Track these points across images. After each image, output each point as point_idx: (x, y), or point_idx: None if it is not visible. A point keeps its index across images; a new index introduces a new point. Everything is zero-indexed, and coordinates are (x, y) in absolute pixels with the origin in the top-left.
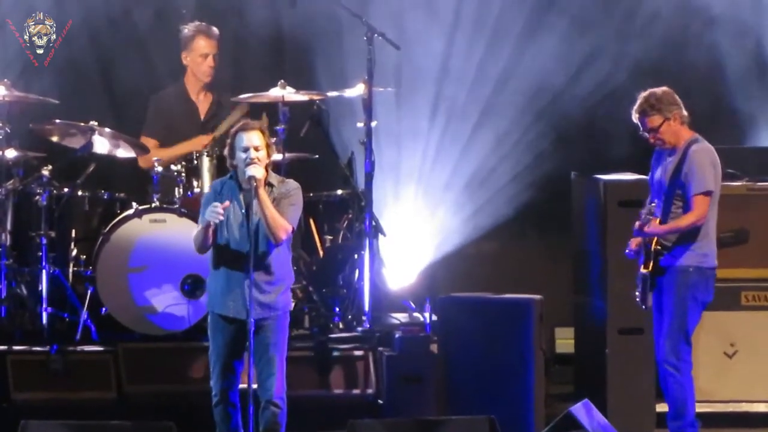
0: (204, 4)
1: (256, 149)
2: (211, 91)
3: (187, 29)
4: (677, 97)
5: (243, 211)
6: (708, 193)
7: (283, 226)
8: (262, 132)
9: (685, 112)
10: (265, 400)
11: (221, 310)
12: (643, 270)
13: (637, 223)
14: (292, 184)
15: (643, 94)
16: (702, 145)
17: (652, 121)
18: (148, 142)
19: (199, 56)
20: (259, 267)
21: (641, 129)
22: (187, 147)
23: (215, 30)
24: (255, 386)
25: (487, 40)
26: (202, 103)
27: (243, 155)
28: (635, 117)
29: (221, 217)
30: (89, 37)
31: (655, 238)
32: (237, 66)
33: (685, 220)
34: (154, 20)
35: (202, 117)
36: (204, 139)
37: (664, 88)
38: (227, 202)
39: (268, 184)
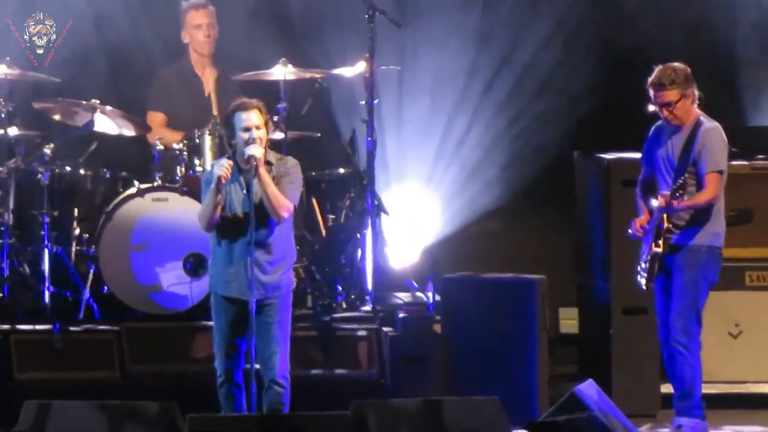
0: None
1: (257, 128)
2: (215, 67)
3: (181, 6)
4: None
5: (244, 191)
6: (721, 172)
7: (285, 204)
8: (260, 110)
9: (698, 92)
10: (268, 380)
11: (223, 291)
12: (655, 248)
13: (661, 200)
14: (291, 162)
15: (662, 66)
16: (713, 124)
17: (669, 95)
18: (156, 116)
19: (194, 29)
20: (260, 246)
21: (653, 101)
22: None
23: (204, 1)
24: (258, 366)
25: (488, 16)
26: (208, 78)
27: (244, 135)
28: (651, 89)
29: (228, 174)
30: (93, 16)
31: (666, 217)
32: (239, 43)
33: (702, 197)
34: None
35: (206, 93)
36: None
37: (682, 64)
38: (231, 162)
39: (267, 163)
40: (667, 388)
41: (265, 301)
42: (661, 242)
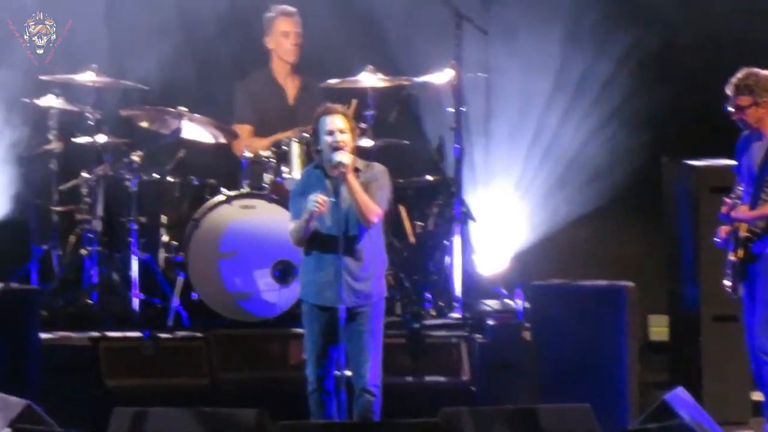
0: None
1: (341, 132)
2: (298, 76)
3: (269, 13)
4: None
5: (332, 198)
6: None
7: (374, 209)
8: (345, 115)
9: None
10: (359, 388)
11: (315, 299)
12: (732, 257)
13: (724, 208)
14: (379, 167)
15: (744, 70)
16: None
17: (741, 100)
18: (243, 129)
19: (281, 36)
20: (351, 254)
21: (728, 101)
22: (283, 136)
23: (294, 9)
24: (349, 373)
25: (574, 22)
26: (290, 87)
27: (328, 139)
28: (728, 89)
29: (323, 209)
30: (180, 25)
31: (745, 225)
32: (325, 51)
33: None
34: (242, 7)
35: (290, 101)
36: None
37: (766, 72)
38: (326, 198)
39: (355, 169)
40: (758, 396)
41: (356, 309)
42: (739, 251)
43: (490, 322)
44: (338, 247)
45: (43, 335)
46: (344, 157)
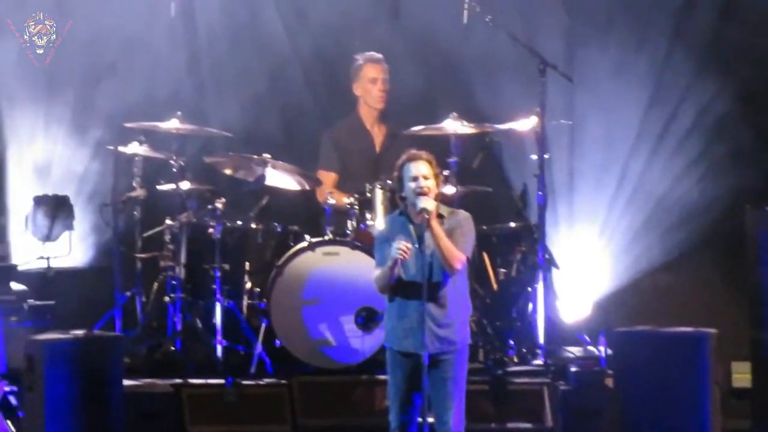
0: (374, 38)
1: (425, 178)
2: (385, 123)
3: (356, 60)
4: None
5: (416, 244)
6: None
7: (458, 256)
8: (429, 162)
9: None
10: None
11: (399, 346)
12: None
13: None
14: (463, 214)
15: None
16: None
17: None
18: (328, 176)
19: (369, 82)
20: (434, 300)
21: None
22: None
23: (381, 56)
24: (432, 420)
25: (658, 70)
26: (377, 134)
27: (412, 185)
28: None
29: (407, 256)
30: (264, 71)
31: None
32: (410, 98)
33: None
34: (327, 53)
35: (377, 149)
36: None
37: None
38: (409, 245)
39: (439, 216)
40: None
41: (440, 355)
42: None
43: (573, 369)
44: (422, 293)
45: (127, 382)
46: (428, 203)
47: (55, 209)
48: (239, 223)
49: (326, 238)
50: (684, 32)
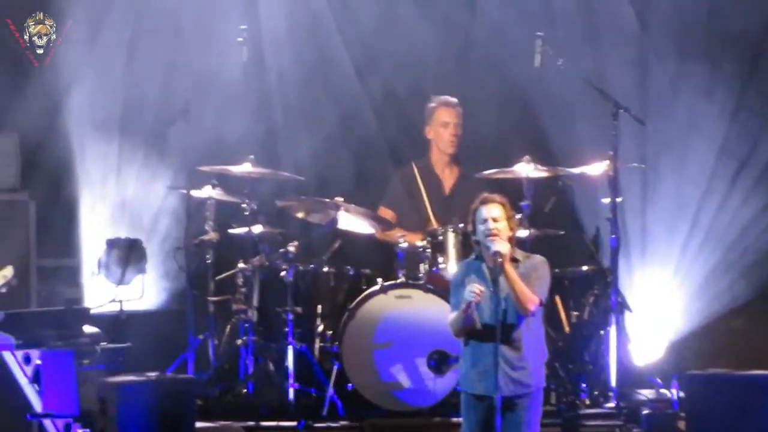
0: (446, 81)
1: (495, 220)
2: (456, 166)
3: (430, 103)
4: None
5: (490, 288)
6: None
7: (531, 298)
8: (503, 205)
9: None
10: None
11: (473, 389)
12: None
13: None
14: (539, 258)
15: None
16: None
17: None
18: (386, 212)
19: (441, 126)
20: (509, 343)
21: None
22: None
23: (455, 100)
24: None
25: (731, 111)
26: (447, 177)
27: (482, 227)
28: None
29: (479, 299)
30: (336, 115)
31: None
32: (482, 141)
33: None
34: (399, 97)
35: (446, 191)
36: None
37: None
38: (482, 288)
39: (514, 260)
40: None
41: (514, 399)
42: None
43: (646, 412)
44: (496, 336)
45: (199, 424)
46: (501, 246)
47: (128, 252)
48: (311, 266)
49: (399, 281)
50: (755, 78)
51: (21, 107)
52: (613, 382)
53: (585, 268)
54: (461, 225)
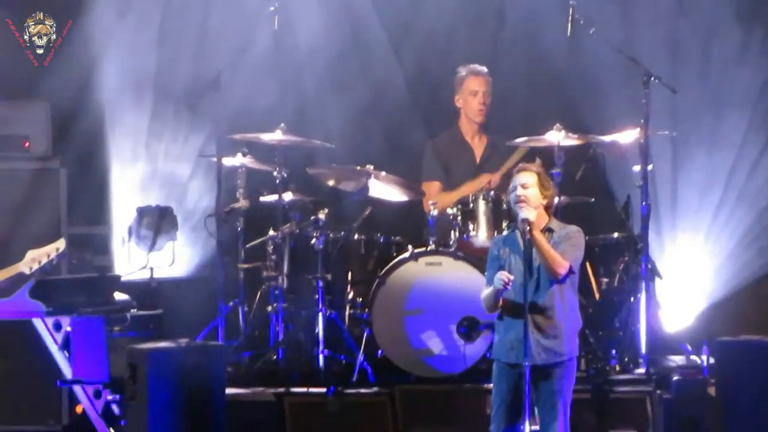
0: (478, 49)
1: (524, 187)
2: (486, 134)
3: (459, 72)
4: None
5: (522, 257)
6: None
7: (561, 262)
8: (537, 174)
9: None
10: None
11: (506, 357)
12: None
13: None
14: (573, 228)
15: None
16: None
17: None
18: (432, 186)
19: (469, 95)
20: (541, 312)
21: None
22: (471, 187)
23: (484, 68)
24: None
25: (763, 85)
26: (477, 146)
27: (512, 195)
28: None
29: (508, 287)
30: (366, 83)
31: None
32: (513, 109)
33: None
34: (429, 65)
35: (477, 160)
36: (484, 178)
37: None
38: (511, 277)
39: (548, 230)
40: None
41: (547, 367)
42: None
43: (676, 378)
44: (527, 305)
45: (229, 391)
46: (528, 213)
47: (159, 220)
48: (342, 233)
49: (429, 248)
50: None
51: (53, 75)
52: (643, 349)
53: (615, 235)
54: (491, 192)
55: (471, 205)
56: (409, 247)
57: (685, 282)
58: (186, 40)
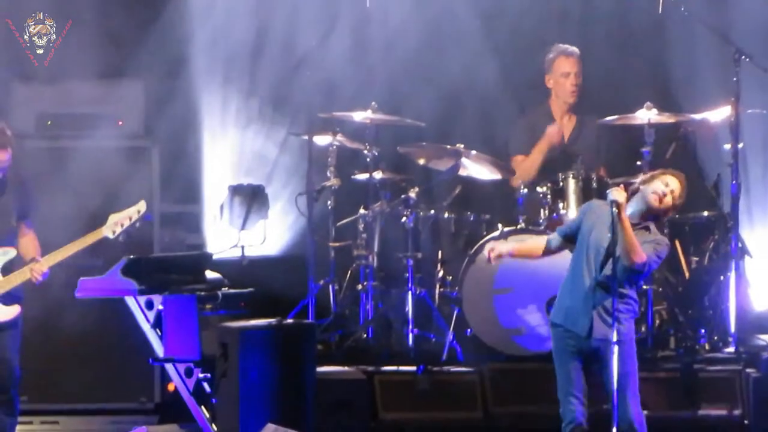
0: (568, 28)
1: (668, 187)
2: (575, 114)
3: (549, 53)
4: None
5: (608, 234)
6: None
7: (639, 252)
8: (682, 186)
9: None
10: (624, 424)
11: (564, 322)
12: None
13: None
14: (665, 239)
15: None
16: None
17: None
18: (518, 159)
19: (561, 76)
20: (606, 291)
21: None
22: (542, 146)
23: (575, 50)
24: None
25: None
26: (566, 125)
27: (651, 186)
28: None
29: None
30: (458, 62)
31: None
32: (603, 87)
33: None
34: (521, 45)
35: (566, 139)
36: (551, 129)
37: None
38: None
39: (646, 228)
40: None
41: (608, 345)
42: None
43: (765, 357)
44: (596, 277)
45: (319, 369)
46: (618, 195)
47: (251, 198)
48: (432, 212)
49: (519, 227)
50: None
51: (147, 54)
52: (733, 328)
53: (705, 213)
54: (581, 171)
55: (561, 183)
56: (499, 225)
57: None
58: (278, 17)
